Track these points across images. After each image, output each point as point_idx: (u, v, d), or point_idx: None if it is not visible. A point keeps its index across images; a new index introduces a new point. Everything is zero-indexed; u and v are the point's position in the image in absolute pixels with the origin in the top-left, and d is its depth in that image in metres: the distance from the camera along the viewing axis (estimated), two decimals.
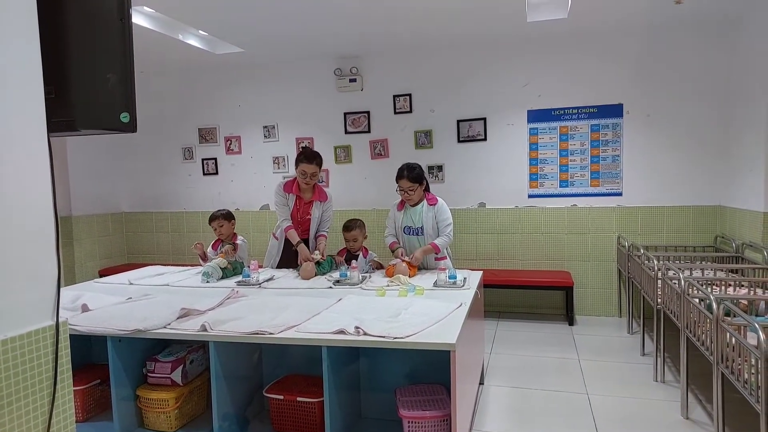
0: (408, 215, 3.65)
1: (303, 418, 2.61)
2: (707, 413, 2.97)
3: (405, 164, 3.61)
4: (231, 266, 3.62)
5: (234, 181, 6.01)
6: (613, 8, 4.15)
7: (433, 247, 3.53)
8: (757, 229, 3.87)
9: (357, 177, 5.58)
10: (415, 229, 3.63)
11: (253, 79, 5.78)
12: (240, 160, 5.96)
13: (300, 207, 3.81)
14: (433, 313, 2.43)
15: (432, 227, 3.58)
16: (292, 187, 3.78)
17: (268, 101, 5.77)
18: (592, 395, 3.29)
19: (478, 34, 4.78)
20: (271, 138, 5.81)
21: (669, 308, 3.26)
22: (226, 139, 5.97)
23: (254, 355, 2.91)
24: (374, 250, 5.38)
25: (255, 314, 2.56)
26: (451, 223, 3.61)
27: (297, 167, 3.68)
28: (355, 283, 3.21)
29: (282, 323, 2.37)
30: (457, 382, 2.11)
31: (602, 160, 4.90)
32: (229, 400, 2.57)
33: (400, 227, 3.69)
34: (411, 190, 3.54)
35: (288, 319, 2.42)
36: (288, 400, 2.63)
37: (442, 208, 3.61)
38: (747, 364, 2.14)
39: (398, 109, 5.37)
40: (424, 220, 3.59)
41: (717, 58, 4.53)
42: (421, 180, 3.57)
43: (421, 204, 3.63)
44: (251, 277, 3.34)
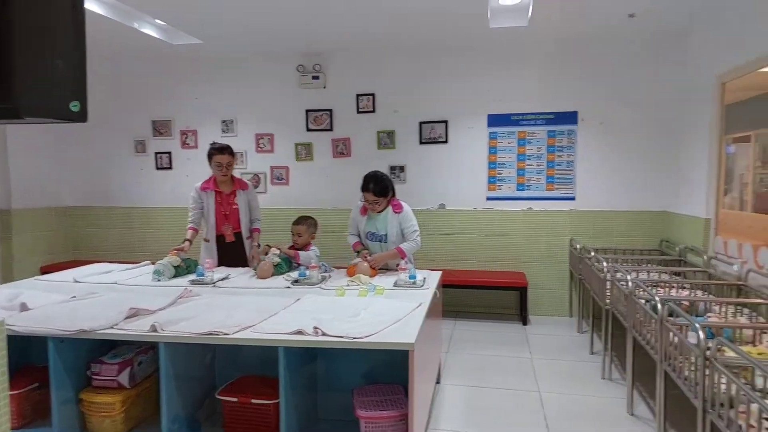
0: (372, 221, 3.60)
1: (258, 421, 2.56)
2: (650, 409, 3.11)
3: (371, 175, 3.50)
4: (184, 264, 3.51)
5: (190, 176, 5.82)
6: (570, 19, 4.28)
7: (398, 251, 3.50)
8: (699, 235, 4.07)
9: (318, 175, 5.53)
10: (379, 235, 3.59)
11: (212, 73, 5.63)
12: (196, 155, 5.78)
13: (222, 201, 3.83)
14: (392, 313, 2.44)
15: (396, 234, 3.55)
16: (209, 185, 3.81)
17: (227, 95, 5.64)
18: (543, 392, 3.38)
19: (442, 38, 4.83)
20: (229, 133, 5.68)
21: (617, 309, 3.38)
22: (182, 132, 5.80)
23: (207, 356, 2.83)
24: (336, 250, 5.39)
25: (209, 314, 2.49)
26: (418, 229, 3.58)
27: (211, 161, 3.73)
28: (314, 282, 3.17)
29: (237, 323, 2.32)
30: (415, 382, 2.13)
31: (557, 165, 5.04)
32: (180, 402, 2.49)
33: (364, 232, 3.64)
34: (376, 203, 3.49)
35: (243, 319, 2.37)
36: (242, 402, 2.57)
37: (407, 215, 3.57)
38: (688, 362, 2.25)
39: (361, 108, 5.35)
40: (388, 227, 3.55)
41: (666, 69, 4.74)
42: (386, 193, 3.48)
43: (386, 211, 3.58)
44: (205, 276, 3.25)
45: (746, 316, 2.93)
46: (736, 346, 1.96)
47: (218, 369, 2.90)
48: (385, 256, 3.52)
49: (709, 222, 3.96)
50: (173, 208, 5.85)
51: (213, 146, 3.79)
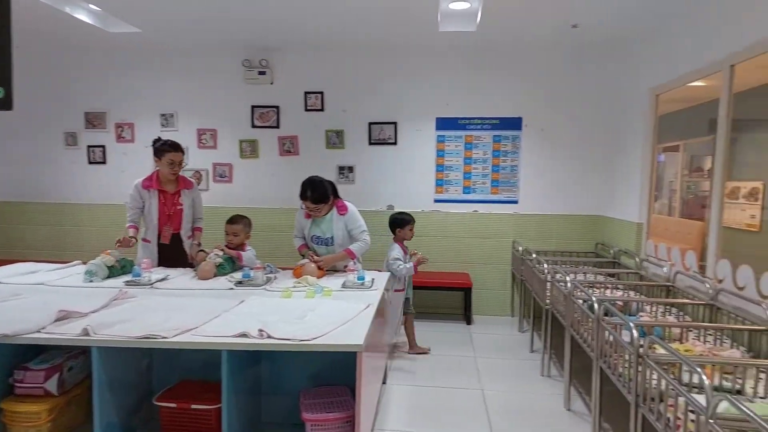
0: (317, 224, 3.53)
1: (198, 427, 2.47)
2: (586, 404, 3.24)
3: (308, 181, 3.40)
4: (119, 264, 3.33)
5: (126, 172, 5.54)
6: (516, 27, 4.41)
7: (348, 253, 3.46)
8: (631, 238, 4.30)
9: (264, 173, 5.41)
10: (324, 239, 3.53)
11: (151, 63, 5.39)
12: (133, 150, 5.53)
13: (166, 201, 3.64)
14: (340, 315, 2.41)
15: (343, 236, 3.50)
16: (152, 183, 3.60)
17: (167, 88, 5.42)
18: (486, 390, 3.46)
19: (393, 39, 4.85)
20: (169, 127, 5.45)
21: (556, 308, 3.51)
22: (117, 125, 5.52)
23: (144, 360, 2.70)
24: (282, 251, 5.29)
25: (146, 317, 2.37)
26: (366, 229, 3.54)
27: (162, 158, 3.54)
28: (258, 284, 3.09)
29: (177, 326, 2.22)
30: (363, 383, 2.11)
31: (502, 169, 5.18)
32: (114, 409, 2.36)
33: (309, 236, 3.57)
34: (317, 210, 3.42)
35: (184, 322, 2.27)
36: (181, 407, 2.47)
37: (353, 216, 3.52)
38: (622, 359, 2.36)
39: (309, 106, 5.28)
40: (334, 229, 3.49)
41: (605, 80, 4.97)
42: (326, 199, 3.40)
43: (331, 213, 3.52)
44: (142, 277, 3.10)
45: (674, 316, 3.12)
46: (666, 344, 2.07)
47: (156, 374, 2.77)
48: (334, 258, 3.48)
49: (642, 226, 4.19)
50: (107, 205, 5.55)
51: (166, 143, 3.57)
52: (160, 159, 3.55)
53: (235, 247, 3.53)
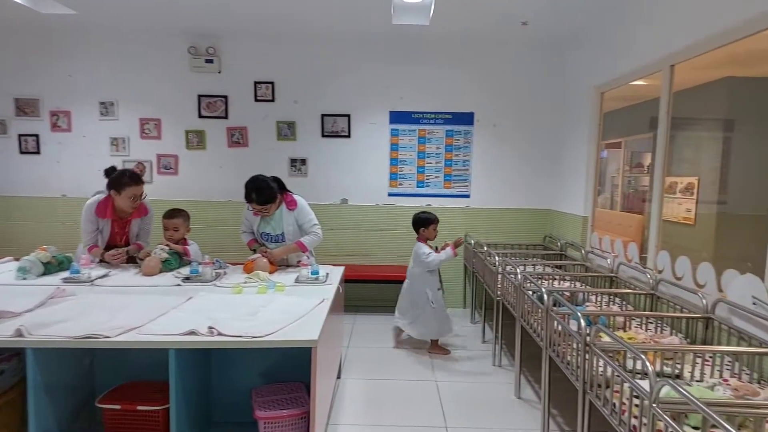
0: (265, 221, 3.44)
1: (144, 428, 2.36)
2: (536, 392, 3.34)
3: (252, 183, 3.27)
4: (55, 261, 3.14)
5: (61, 163, 5.24)
6: (468, 23, 4.45)
7: (299, 245, 3.40)
8: (577, 231, 4.45)
9: (211, 165, 5.24)
10: (274, 236, 3.45)
11: (89, 48, 5.09)
12: (69, 139, 5.21)
13: (119, 230, 3.41)
14: (294, 310, 2.37)
15: (293, 232, 3.43)
16: (106, 211, 3.29)
17: (106, 74, 5.13)
18: (439, 382, 3.50)
19: (345, 30, 4.79)
20: (109, 116, 5.18)
21: (507, 300, 3.59)
22: (52, 113, 5.19)
23: (85, 362, 2.56)
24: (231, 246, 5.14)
25: (86, 315, 2.24)
26: (317, 223, 3.49)
27: (121, 192, 3.22)
28: (207, 280, 2.99)
29: (120, 325, 2.11)
30: (318, 379, 2.08)
31: (454, 164, 5.25)
32: (51, 414, 2.22)
33: (258, 233, 3.48)
34: (265, 210, 3.31)
35: (128, 321, 2.16)
36: (126, 409, 2.36)
37: (303, 210, 3.45)
38: (570, 348, 2.43)
39: (260, 96, 5.15)
40: (284, 225, 3.41)
41: (554, 77, 5.12)
42: (273, 200, 3.28)
43: (280, 209, 3.42)
44: (81, 273, 2.93)
45: (618, 305, 3.26)
46: (611, 332, 2.15)
47: (98, 375, 2.63)
48: (285, 251, 3.42)
49: (587, 220, 4.34)
50: (42, 198, 5.23)
51: (124, 174, 3.25)
52: (119, 192, 3.24)
53: (176, 243, 3.39)
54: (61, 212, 5.27)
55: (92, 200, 3.34)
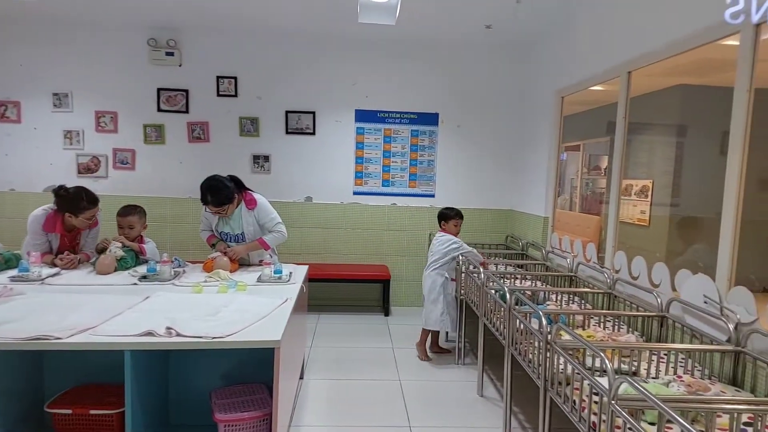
0: (224, 220, 3.33)
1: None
2: (498, 390, 3.39)
3: (206, 186, 3.13)
4: (2, 258, 2.98)
5: (10, 155, 4.99)
6: (434, 24, 4.48)
7: (261, 243, 3.33)
8: (538, 231, 4.55)
9: (171, 160, 5.08)
10: (234, 236, 3.35)
11: (42, 37, 4.86)
12: (19, 131, 4.97)
13: (69, 242, 3.24)
14: (256, 310, 2.32)
15: (254, 232, 3.34)
16: (54, 226, 3.12)
17: (60, 65, 4.91)
18: (403, 381, 3.50)
19: (311, 27, 4.74)
20: (62, 108, 4.96)
21: (470, 299, 3.63)
22: (0, 103, 4.92)
23: (33, 364, 2.43)
24: (191, 244, 5.01)
25: (36, 316, 2.13)
26: (280, 220, 3.40)
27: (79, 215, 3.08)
28: (165, 279, 2.89)
29: (72, 326, 2.01)
30: (280, 380, 2.04)
31: (419, 163, 5.27)
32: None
33: (217, 232, 3.39)
34: (222, 211, 3.20)
35: (81, 321, 2.07)
36: (78, 414, 2.26)
37: (263, 209, 3.35)
38: (531, 346, 2.47)
39: (222, 91, 5.03)
40: (244, 225, 3.32)
41: (516, 80, 5.21)
42: (229, 200, 3.17)
43: (239, 208, 3.32)
44: (31, 272, 2.78)
45: (577, 304, 3.34)
46: (571, 330, 2.19)
47: (48, 378, 2.51)
48: (247, 248, 3.34)
49: (547, 220, 4.44)
50: None
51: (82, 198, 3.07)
52: (75, 216, 3.08)
53: (132, 241, 3.27)
54: (8, 207, 5.01)
55: (38, 214, 3.11)
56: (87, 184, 4.82)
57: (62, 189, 3.07)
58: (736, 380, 2.14)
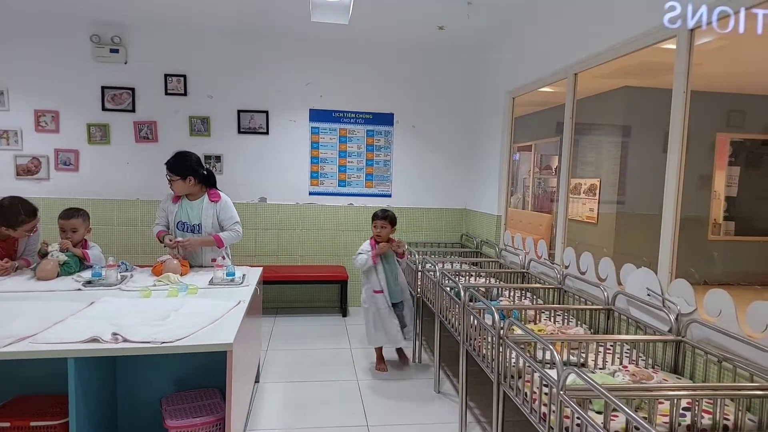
0: (184, 209, 3.29)
1: None
2: (454, 386, 3.44)
3: (177, 152, 3.30)
4: None
5: None
6: (388, 24, 4.50)
7: (216, 239, 3.27)
8: (492, 229, 4.64)
9: (116, 161, 4.89)
10: (190, 225, 3.29)
11: None
12: None
13: (3, 251, 3.07)
14: (208, 313, 2.26)
15: (212, 225, 3.29)
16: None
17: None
18: (361, 381, 3.50)
19: (264, 24, 4.67)
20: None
21: (426, 296, 3.67)
22: None
23: None
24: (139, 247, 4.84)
25: None
26: (239, 221, 3.38)
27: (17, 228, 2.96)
28: (112, 283, 2.78)
29: (10, 334, 1.90)
30: (233, 383, 2.00)
31: (376, 163, 5.28)
32: None
33: (174, 222, 3.32)
34: (171, 180, 3.21)
35: (19, 330, 1.96)
36: (17, 426, 2.14)
37: (225, 205, 3.34)
38: (485, 342, 2.52)
39: (170, 90, 4.88)
40: (203, 216, 3.28)
41: (469, 80, 5.30)
42: (182, 174, 3.19)
43: (201, 199, 3.31)
44: None
45: (529, 299, 3.43)
46: (523, 325, 2.25)
47: None
48: (201, 241, 3.27)
49: (500, 218, 4.54)
50: None
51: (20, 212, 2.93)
52: (14, 229, 2.94)
53: (75, 246, 3.12)
54: None
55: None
56: (27, 187, 4.70)
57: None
58: (677, 368, 2.25)
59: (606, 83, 5.02)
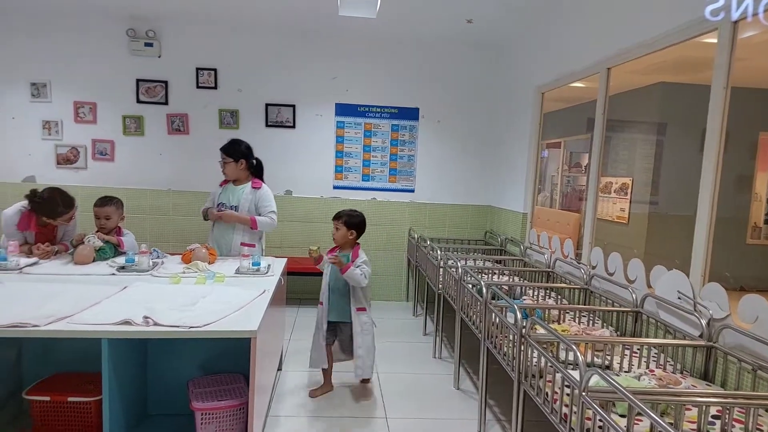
0: (227, 192, 3.52)
1: (75, 421, 2.29)
2: (474, 383, 3.44)
3: (231, 139, 3.58)
4: None
5: None
6: (415, 18, 4.49)
7: (252, 220, 3.42)
8: (517, 227, 4.60)
9: (150, 152, 5.02)
10: (228, 206, 3.46)
11: (18, 26, 4.76)
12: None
13: (45, 235, 3.19)
14: (234, 301, 2.32)
15: (248, 210, 3.46)
16: (29, 224, 3.09)
17: (39, 54, 4.82)
18: (380, 373, 3.53)
19: (292, 19, 4.71)
20: (41, 98, 4.87)
21: (448, 293, 3.66)
22: None
23: (11, 352, 2.41)
24: (171, 235, 4.96)
25: (14, 304, 2.10)
26: (275, 211, 3.53)
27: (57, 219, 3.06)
28: (144, 269, 2.87)
29: (50, 314, 1.99)
30: (257, 370, 2.05)
31: (400, 158, 5.29)
32: None
33: (215, 203, 3.54)
34: (224, 162, 3.45)
35: (58, 310, 2.05)
36: (56, 401, 2.27)
37: (265, 194, 3.52)
38: (507, 340, 2.51)
39: (201, 83, 4.98)
40: (241, 199, 3.46)
41: (497, 76, 5.26)
42: (234, 155, 3.46)
43: (245, 186, 3.52)
44: (9, 261, 2.75)
45: (553, 299, 3.39)
46: (545, 324, 2.23)
47: (27, 366, 2.50)
48: (237, 218, 3.42)
49: (526, 216, 4.49)
50: None
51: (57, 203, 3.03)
52: (53, 219, 3.05)
53: (109, 232, 3.24)
54: None
55: (12, 213, 3.05)
56: (66, 175, 4.87)
57: (36, 195, 3.00)
58: (707, 375, 2.19)
59: (640, 79, 4.89)
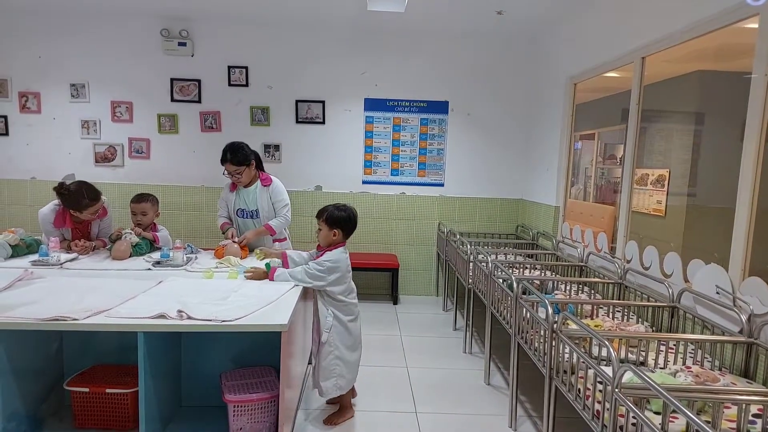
0: (241, 197, 3.45)
1: (113, 411, 2.37)
2: (504, 379, 3.41)
3: (228, 145, 3.33)
4: (24, 243, 3.05)
5: (30, 145, 5.10)
6: (444, 11, 4.44)
7: (267, 228, 3.40)
8: (549, 221, 4.52)
9: (184, 150, 5.15)
10: (249, 211, 3.45)
11: (60, 29, 4.94)
12: (39, 121, 5.07)
13: (81, 233, 3.29)
14: (264, 295, 2.35)
15: (268, 209, 3.44)
16: (64, 221, 3.18)
17: (77, 56, 4.99)
18: (410, 368, 3.54)
19: (322, 16, 4.73)
20: (80, 98, 5.04)
21: (478, 287, 3.64)
22: (21, 94, 5.02)
23: (53, 344, 2.52)
24: (203, 231, 5.08)
25: (54, 298, 2.19)
26: (288, 204, 3.48)
27: (83, 212, 3.11)
28: (178, 264, 2.95)
29: (89, 308, 2.07)
30: (287, 363, 2.08)
31: (429, 152, 5.26)
32: (18, 397, 2.19)
33: (233, 210, 3.48)
34: (238, 173, 3.32)
35: (96, 303, 2.12)
36: (95, 392, 2.35)
37: (277, 188, 3.46)
38: (538, 335, 2.48)
39: (233, 81, 5.07)
40: (258, 202, 3.42)
41: (528, 67, 5.16)
42: (247, 161, 3.32)
43: (255, 185, 3.46)
44: (50, 257, 2.86)
45: (586, 294, 3.33)
46: (578, 320, 2.19)
47: (67, 358, 2.59)
48: (256, 234, 3.41)
49: (558, 210, 4.41)
50: (11, 180, 5.10)
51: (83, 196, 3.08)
52: (80, 212, 3.12)
53: (145, 228, 3.33)
54: (29, 195, 5.13)
55: (47, 212, 3.17)
56: (104, 173, 5.05)
57: (63, 187, 3.11)
58: (748, 372, 2.11)
59: (676, 67, 4.71)
